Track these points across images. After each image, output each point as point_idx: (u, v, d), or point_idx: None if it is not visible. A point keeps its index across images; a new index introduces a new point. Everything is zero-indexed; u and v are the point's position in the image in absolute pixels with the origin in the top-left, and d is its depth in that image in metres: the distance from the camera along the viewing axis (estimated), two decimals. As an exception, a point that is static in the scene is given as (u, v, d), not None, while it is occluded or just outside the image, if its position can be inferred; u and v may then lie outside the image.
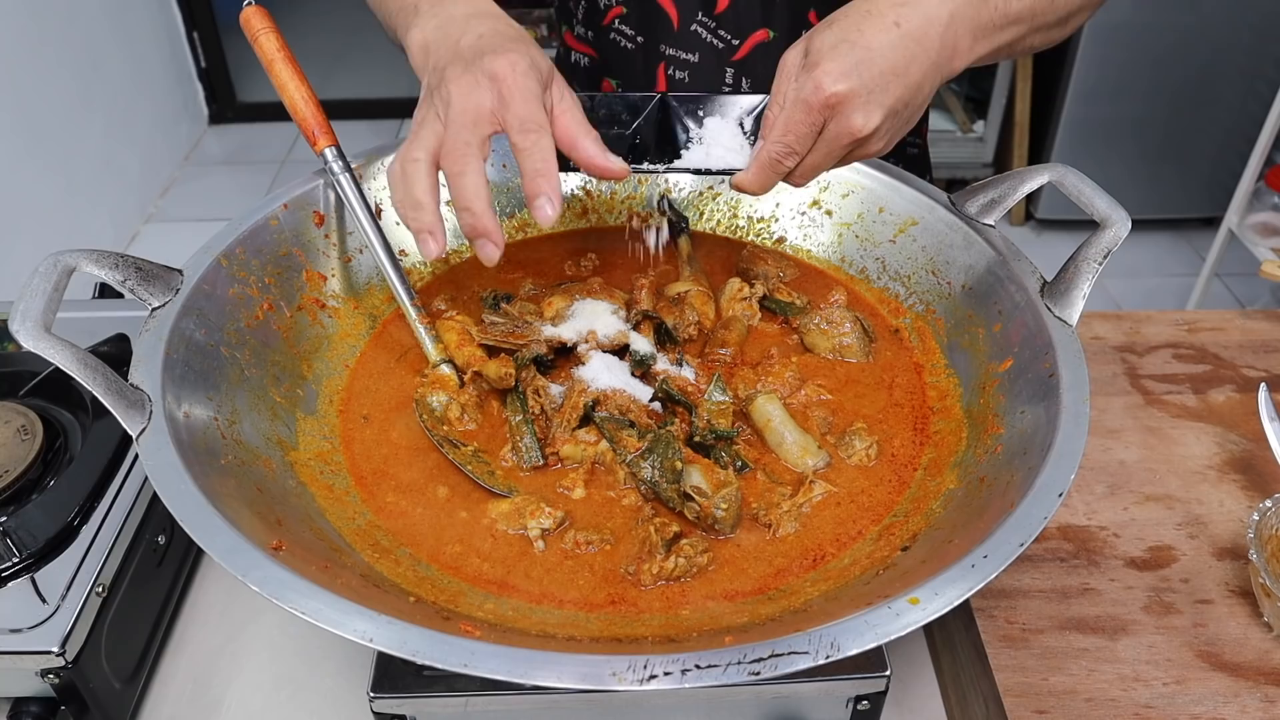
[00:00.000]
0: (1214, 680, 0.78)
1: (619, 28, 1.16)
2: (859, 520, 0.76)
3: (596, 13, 1.17)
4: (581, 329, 0.88)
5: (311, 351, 0.87)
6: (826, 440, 0.83)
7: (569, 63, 1.27)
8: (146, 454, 0.65)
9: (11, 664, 0.74)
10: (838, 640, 0.55)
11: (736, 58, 1.14)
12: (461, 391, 0.85)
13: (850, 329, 0.91)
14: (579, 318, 0.89)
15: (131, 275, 0.75)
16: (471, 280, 0.99)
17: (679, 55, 1.15)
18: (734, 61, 1.14)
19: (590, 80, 1.24)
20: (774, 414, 0.83)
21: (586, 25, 1.21)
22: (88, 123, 3.13)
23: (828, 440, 0.83)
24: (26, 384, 0.95)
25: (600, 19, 1.17)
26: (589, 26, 1.20)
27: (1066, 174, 0.84)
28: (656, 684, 0.53)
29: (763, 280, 0.97)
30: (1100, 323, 1.18)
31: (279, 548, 0.62)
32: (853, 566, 0.71)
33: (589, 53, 1.23)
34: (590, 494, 0.78)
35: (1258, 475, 0.97)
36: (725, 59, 1.14)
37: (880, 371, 0.90)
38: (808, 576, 0.71)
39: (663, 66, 1.16)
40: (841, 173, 1.00)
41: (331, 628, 0.55)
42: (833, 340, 0.91)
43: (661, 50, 1.15)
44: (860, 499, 0.78)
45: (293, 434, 0.79)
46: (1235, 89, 2.98)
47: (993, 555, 0.60)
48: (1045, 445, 0.68)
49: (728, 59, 1.14)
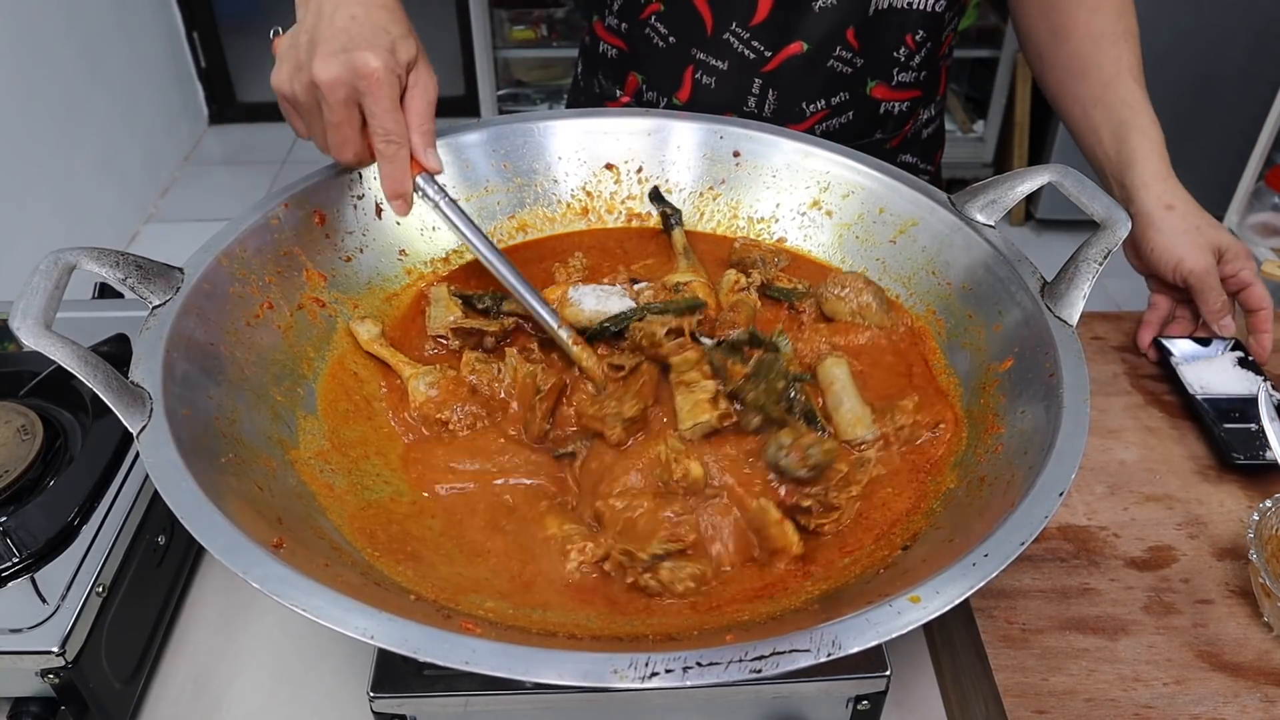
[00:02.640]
0: (1214, 680, 0.78)
1: (654, 24, 1.16)
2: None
3: (634, 6, 1.17)
4: (595, 309, 0.88)
5: (312, 350, 0.87)
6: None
7: (596, 53, 1.27)
8: (147, 452, 0.65)
9: (11, 664, 0.74)
10: (839, 638, 0.55)
11: (767, 69, 1.14)
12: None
13: (866, 287, 0.91)
14: (585, 303, 0.89)
15: (132, 273, 0.75)
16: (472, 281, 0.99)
17: (708, 61, 1.15)
18: (763, 73, 1.14)
19: (617, 72, 1.24)
20: (839, 376, 0.82)
21: (621, 17, 1.21)
22: (88, 122, 3.13)
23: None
24: (26, 384, 0.95)
25: (638, 12, 1.17)
26: (624, 19, 1.20)
27: (1066, 174, 0.84)
28: (658, 681, 0.53)
29: (760, 268, 0.97)
30: (1100, 323, 1.18)
31: (280, 545, 0.62)
32: (853, 565, 0.71)
33: (619, 45, 1.23)
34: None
35: (1258, 475, 0.97)
36: (755, 70, 1.14)
37: (899, 356, 0.90)
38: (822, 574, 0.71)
39: (690, 70, 1.16)
40: (841, 173, 1.00)
41: (333, 625, 0.55)
42: (851, 303, 0.91)
43: (692, 54, 1.15)
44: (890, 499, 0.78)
45: (293, 433, 0.79)
46: (1235, 89, 2.98)
47: (993, 554, 0.60)
48: (1045, 445, 0.68)
49: (757, 70, 1.14)
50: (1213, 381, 1.05)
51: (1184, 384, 1.05)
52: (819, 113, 1.17)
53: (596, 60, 1.27)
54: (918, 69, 1.18)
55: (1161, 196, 1.05)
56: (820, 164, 1.01)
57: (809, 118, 1.17)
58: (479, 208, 1.02)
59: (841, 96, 1.16)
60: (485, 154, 1.02)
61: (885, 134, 1.22)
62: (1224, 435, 0.99)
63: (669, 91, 1.19)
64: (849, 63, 1.14)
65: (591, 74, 1.30)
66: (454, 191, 1.00)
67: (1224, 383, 1.05)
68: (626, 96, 1.25)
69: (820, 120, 1.18)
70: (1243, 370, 1.06)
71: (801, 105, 1.16)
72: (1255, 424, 0.99)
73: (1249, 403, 1.02)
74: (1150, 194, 1.06)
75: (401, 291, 0.96)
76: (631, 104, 1.24)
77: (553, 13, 3.42)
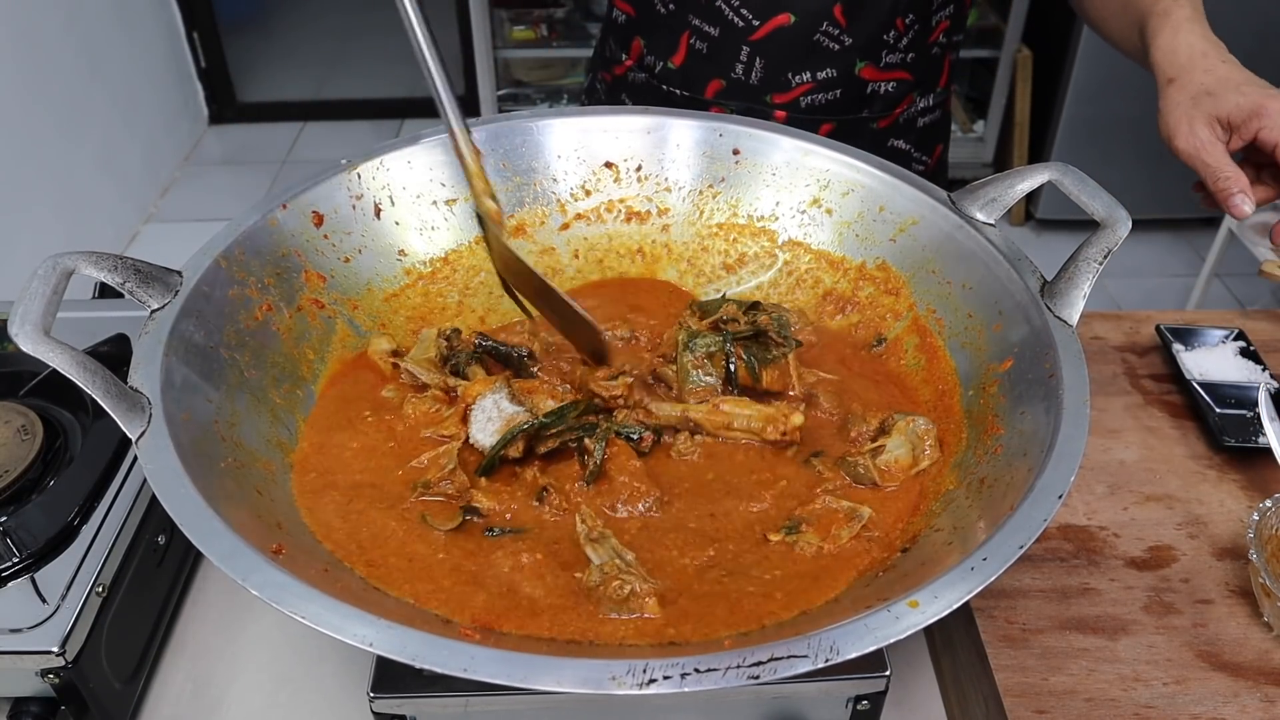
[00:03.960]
0: (1214, 680, 0.78)
1: None
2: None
3: None
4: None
5: (311, 352, 0.87)
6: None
7: (610, 18, 1.34)
8: (146, 457, 0.65)
9: (11, 664, 0.75)
10: (837, 644, 0.55)
11: (755, 38, 1.18)
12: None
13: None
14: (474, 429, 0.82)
15: (130, 277, 0.75)
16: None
17: (702, 27, 1.20)
18: (751, 41, 1.18)
19: (624, 37, 1.30)
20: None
21: None
22: (87, 123, 3.13)
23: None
24: (26, 384, 0.95)
25: None
26: None
27: (1066, 173, 0.84)
28: (656, 688, 0.53)
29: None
30: (1100, 323, 1.18)
31: (279, 551, 0.62)
32: (849, 570, 0.71)
33: (628, 11, 1.28)
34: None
35: (1258, 475, 0.97)
36: (744, 37, 1.18)
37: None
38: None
39: (686, 35, 1.21)
40: (842, 171, 1.00)
41: (332, 632, 0.55)
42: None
43: (689, 19, 1.20)
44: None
45: (293, 436, 0.79)
46: (1235, 88, 2.97)
47: (992, 557, 0.59)
48: (1045, 446, 0.68)
49: (745, 37, 1.18)
50: (1212, 370, 1.06)
51: (1183, 371, 1.06)
52: (804, 84, 1.20)
53: (610, 26, 1.34)
54: (905, 51, 1.20)
55: (1166, 70, 0.97)
56: (820, 162, 1.01)
57: (795, 88, 1.20)
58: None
59: (829, 73, 1.20)
60: (484, 154, 1.01)
61: (873, 113, 1.24)
62: (1218, 420, 1.00)
63: (665, 56, 1.25)
64: (836, 39, 1.17)
65: (605, 40, 1.37)
66: (453, 191, 1.00)
67: (1223, 371, 1.06)
68: (630, 60, 1.30)
69: (806, 93, 1.21)
70: (1243, 360, 1.07)
71: (787, 75, 1.20)
72: (1250, 410, 1.00)
73: (1246, 390, 1.02)
74: (1160, 73, 0.97)
75: (401, 291, 0.96)
76: (634, 67, 1.30)
77: (553, 13, 3.41)
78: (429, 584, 0.68)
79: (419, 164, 0.98)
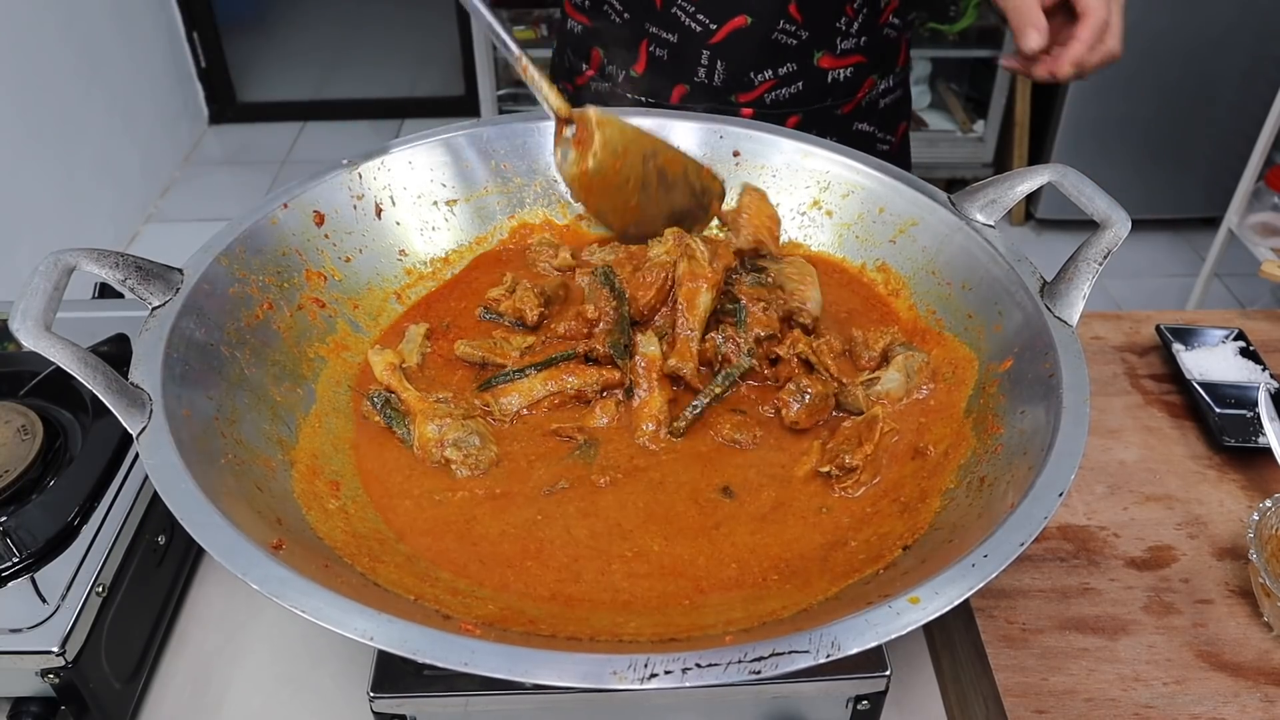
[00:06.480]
0: (1214, 680, 0.78)
1: (611, 1, 1.22)
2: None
3: None
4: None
5: (311, 351, 0.87)
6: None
7: (565, 29, 1.34)
8: (147, 453, 0.65)
9: (11, 664, 0.75)
10: (838, 639, 0.55)
11: (713, 41, 1.18)
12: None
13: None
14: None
15: (132, 274, 0.75)
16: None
17: (660, 34, 1.21)
18: (710, 45, 1.19)
19: (582, 47, 1.31)
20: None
21: None
22: (88, 123, 3.13)
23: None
24: (26, 384, 0.95)
25: None
26: None
27: (1066, 174, 0.84)
28: (657, 683, 0.53)
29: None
30: (1100, 323, 1.18)
31: (279, 546, 0.62)
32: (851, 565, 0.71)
33: (583, 21, 1.29)
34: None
35: (1258, 475, 0.97)
36: (702, 41, 1.19)
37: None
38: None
39: (645, 43, 1.22)
40: (841, 173, 1.00)
41: (332, 626, 0.55)
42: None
43: (645, 27, 1.21)
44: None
45: (293, 433, 0.79)
46: (1235, 89, 2.98)
47: (993, 555, 0.60)
48: (1045, 445, 0.68)
49: (704, 41, 1.19)
50: (1212, 370, 1.07)
51: (1183, 371, 1.06)
52: (767, 82, 1.21)
53: (566, 36, 1.34)
54: (857, 35, 1.22)
55: None
56: (820, 164, 1.01)
57: (758, 86, 1.22)
58: (478, 208, 1.02)
59: (789, 67, 1.21)
60: (484, 154, 1.02)
61: (836, 100, 1.26)
62: (1218, 420, 1.00)
63: (626, 65, 1.25)
64: (794, 35, 1.18)
65: (562, 51, 1.37)
66: (454, 192, 1.00)
67: (1223, 371, 1.06)
68: (591, 70, 1.31)
69: (770, 89, 1.22)
70: (1243, 360, 1.07)
71: (750, 75, 1.21)
72: (1250, 410, 1.00)
73: (1246, 390, 1.03)
74: None
75: (401, 292, 0.96)
76: (595, 77, 1.30)
77: (552, 13, 3.41)
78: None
79: (420, 164, 0.98)
